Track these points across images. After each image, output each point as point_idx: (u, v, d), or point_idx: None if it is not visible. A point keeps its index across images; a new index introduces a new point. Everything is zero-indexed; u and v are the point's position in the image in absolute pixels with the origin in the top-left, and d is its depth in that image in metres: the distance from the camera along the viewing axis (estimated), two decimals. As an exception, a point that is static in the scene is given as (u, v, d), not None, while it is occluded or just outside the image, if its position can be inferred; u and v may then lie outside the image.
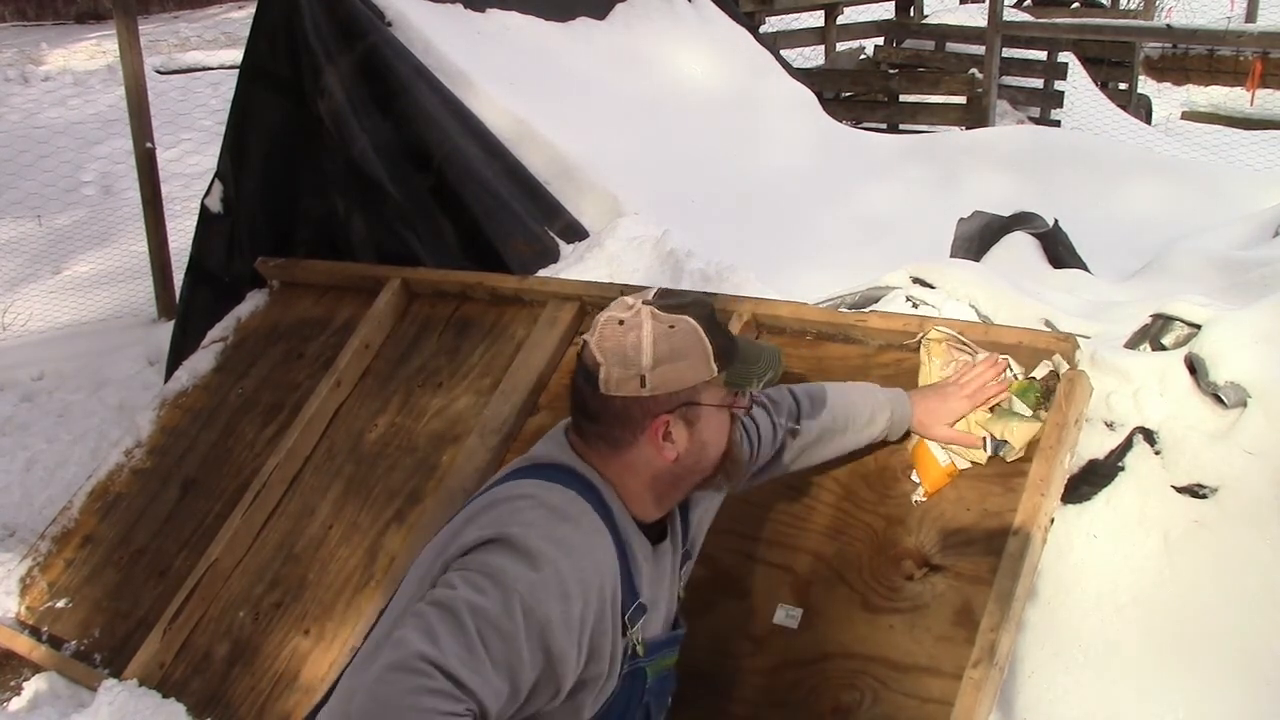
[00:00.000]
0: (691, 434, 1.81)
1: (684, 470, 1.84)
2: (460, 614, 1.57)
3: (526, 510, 1.73)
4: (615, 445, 1.82)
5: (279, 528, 3.19)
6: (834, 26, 9.98)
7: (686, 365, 1.77)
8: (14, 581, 3.58)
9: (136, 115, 5.53)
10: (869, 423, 2.32)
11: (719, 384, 1.81)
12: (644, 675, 1.87)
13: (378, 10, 3.99)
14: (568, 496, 1.76)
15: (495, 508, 1.75)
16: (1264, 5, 11.42)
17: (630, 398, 1.77)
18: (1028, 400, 2.34)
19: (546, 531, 1.69)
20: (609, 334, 1.78)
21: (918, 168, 5.35)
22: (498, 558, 1.64)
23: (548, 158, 3.89)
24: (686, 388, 1.78)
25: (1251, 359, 2.29)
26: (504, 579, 1.61)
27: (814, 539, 2.44)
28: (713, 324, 1.81)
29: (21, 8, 16.06)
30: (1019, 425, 2.31)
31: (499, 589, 1.60)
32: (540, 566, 1.64)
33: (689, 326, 1.78)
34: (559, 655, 1.64)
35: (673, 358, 1.76)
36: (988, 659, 2.08)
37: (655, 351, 1.76)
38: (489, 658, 1.56)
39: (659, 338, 1.76)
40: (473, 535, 1.69)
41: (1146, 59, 10.46)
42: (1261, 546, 2.17)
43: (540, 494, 1.76)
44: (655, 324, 1.77)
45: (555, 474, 1.81)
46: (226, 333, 3.92)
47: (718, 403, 1.82)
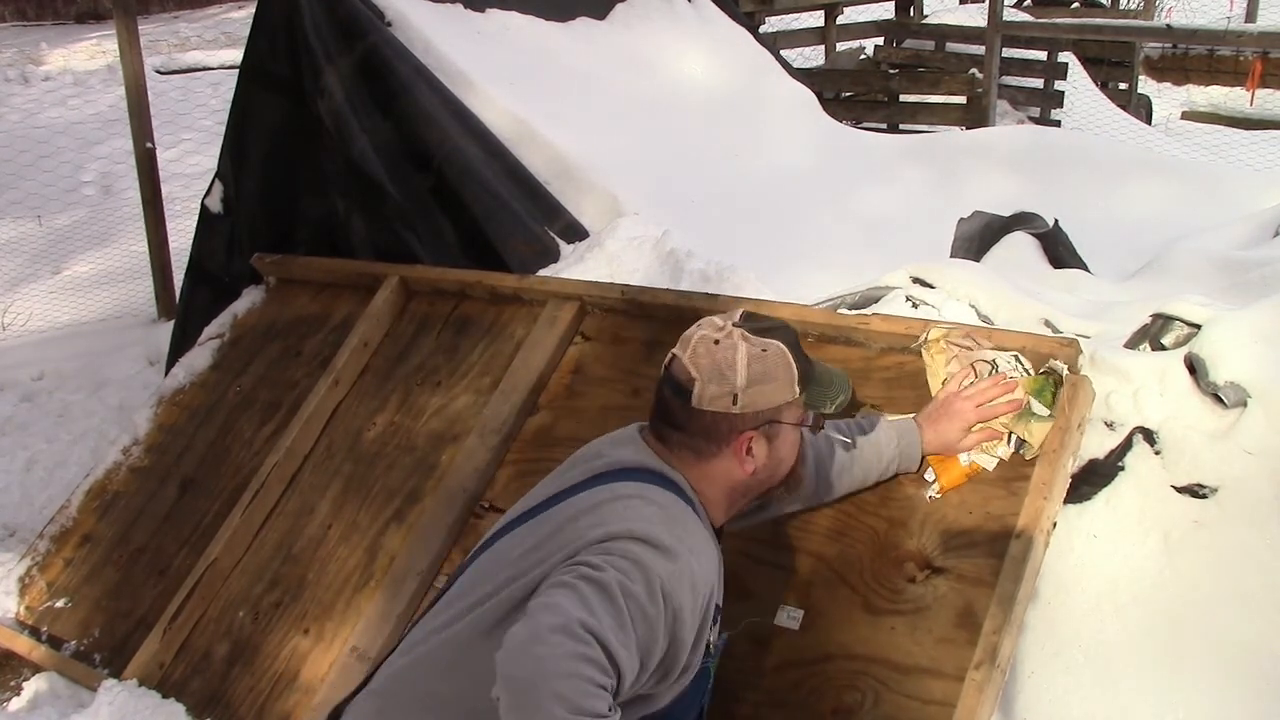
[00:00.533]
0: (771, 450, 1.92)
1: (758, 483, 1.96)
2: (613, 592, 1.62)
3: (641, 508, 1.79)
4: (699, 455, 1.91)
5: (278, 527, 3.19)
6: (834, 26, 9.98)
7: (774, 387, 1.89)
8: (13, 581, 3.58)
9: (136, 115, 5.53)
10: (884, 471, 2.37)
11: (799, 404, 1.93)
12: (708, 675, 1.95)
13: (378, 10, 3.99)
14: (670, 497, 1.84)
15: (603, 508, 1.80)
16: (1264, 5, 11.41)
17: (720, 413, 1.88)
18: (1044, 399, 2.34)
19: (668, 528, 1.76)
20: (703, 351, 1.89)
21: (918, 168, 5.34)
22: (636, 548, 1.70)
23: (548, 158, 3.88)
24: (772, 407, 1.90)
25: (1251, 359, 2.29)
26: (647, 565, 1.68)
27: (816, 540, 2.44)
28: (797, 348, 1.93)
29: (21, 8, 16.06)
30: (1038, 425, 2.32)
31: (644, 574, 1.67)
32: (676, 559, 1.72)
33: (779, 351, 1.90)
34: (682, 642, 1.74)
35: (764, 379, 1.88)
36: (990, 661, 2.08)
37: (749, 373, 1.87)
38: (636, 637, 1.63)
39: (753, 360, 1.87)
40: (597, 531, 1.74)
41: (1146, 59, 10.46)
42: (1261, 546, 2.17)
43: (646, 494, 1.83)
44: (749, 347, 1.88)
45: (651, 477, 1.88)
46: (223, 330, 3.91)
47: (795, 422, 1.94)
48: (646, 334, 2.97)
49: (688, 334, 1.94)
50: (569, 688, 1.51)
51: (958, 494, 2.35)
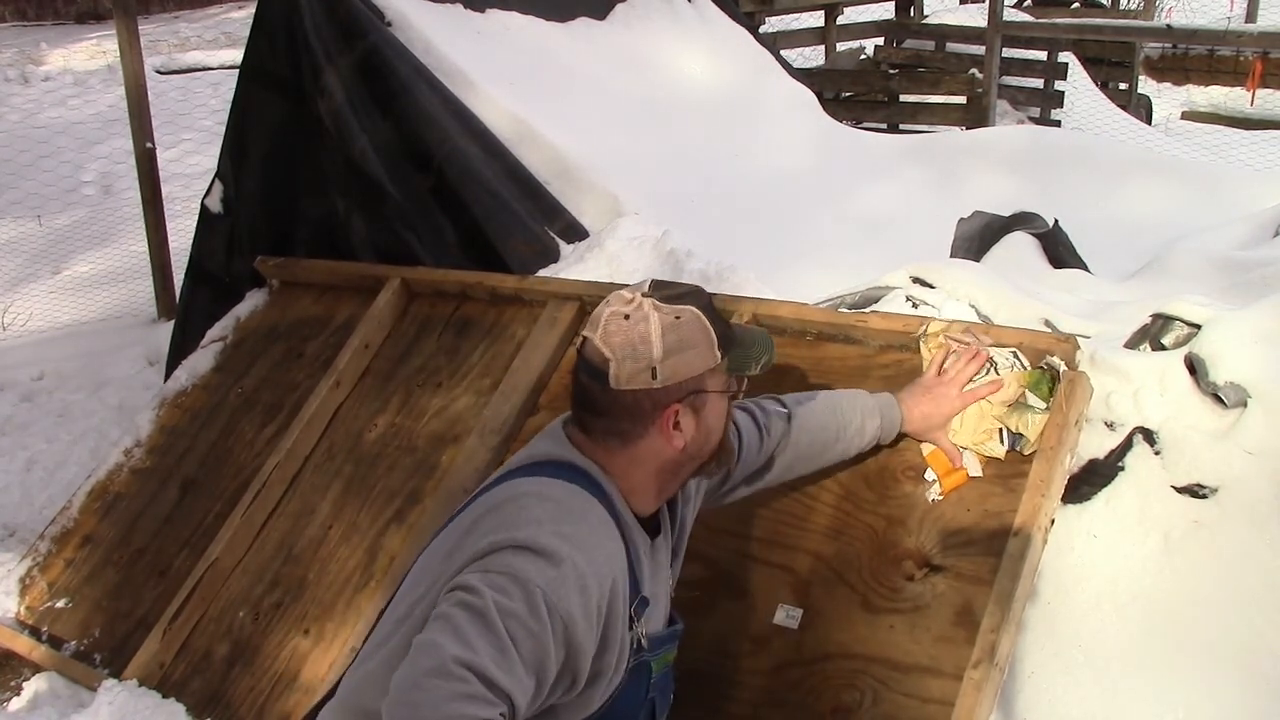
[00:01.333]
0: (699, 421, 1.84)
1: (688, 458, 1.87)
2: (490, 615, 1.58)
3: (533, 507, 1.73)
4: (624, 439, 1.83)
5: (279, 528, 3.19)
6: (834, 26, 9.98)
7: (694, 354, 1.80)
8: (14, 581, 3.58)
9: (136, 115, 5.53)
10: (859, 431, 2.32)
11: (721, 370, 1.85)
12: (649, 669, 1.89)
13: (378, 10, 3.98)
14: (571, 490, 1.78)
15: (500, 510, 1.75)
16: (1264, 5, 11.42)
17: (641, 390, 1.80)
18: (1040, 392, 2.34)
19: (556, 528, 1.70)
20: (615, 329, 1.80)
21: (918, 168, 5.34)
22: (516, 559, 1.64)
23: (548, 158, 3.88)
24: (694, 376, 1.81)
25: (1251, 359, 2.29)
26: (526, 579, 1.62)
27: (814, 539, 2.44)
28: (712, 311, 1.84)
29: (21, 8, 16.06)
30: (1033, 418, 2.31)
31: (522, 589, 1.61)
32: (559, 563, 1.65)
33: (693, 316, 1.81)
34: (580, 648, 1.67)
35: (681, 348, 1.79)
36: (988, 659, 2.08)
37: (664, 343, 1.78)
38: (520, 657, 1.58)
39: (666, 329, 1.78)
40: (484, 541, 1.69)
41: (1146, 59, 10.46)
42: (1261, 546, 2.17)
43: (544, 490, 1.78)
44: (661, 316, 1.79)
45: (557, 470, 1.82)
46: (226, 332, 3.92)
47: (721, 389, 1.86)
48: (646, 334, 2.96)
49: (597, 312, 1.85)
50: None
51: (955, 491, 2.35)
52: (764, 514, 2.51)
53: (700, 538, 2.51)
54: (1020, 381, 2.35)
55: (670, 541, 2.01)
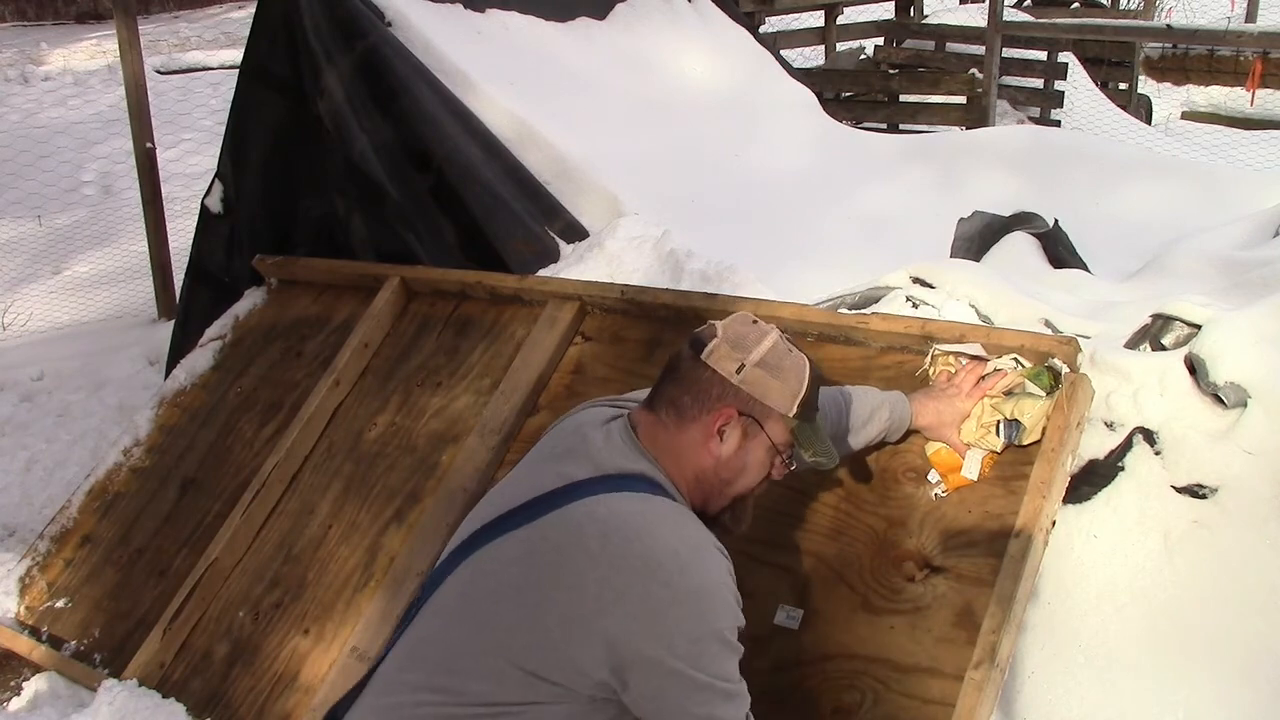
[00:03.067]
0: (740, 447, 1.90)
1: (718, 481, 1.92)
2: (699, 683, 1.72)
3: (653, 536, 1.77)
4: (680, 416, 1.90)
5: (278, 527, 3.19)
6: (834, 26, 9.98)
7: (779, 387, 1.89)
8: (14, 581, 3.58)
9: (136, 115, 5.53)
10: (867, 422, 2.34)
11: (785, 426, 1.91)
12: None
13: (378, 10, 3.98)
14: (664, 504, 1.84)
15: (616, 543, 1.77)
16: (1264, 5, 11.41)
17: (719, 375, 1.88)
18: (1040, 383, 2.35)
19: (689, 554, 1.77)
20: (737, 323, 1.93)
21: (918, 168, 5.34)
22: (689, 619, 1.73)
23: (548, 158, 3.88)
24: (764, 404, 1.89)
25: (1251, 359, 2.29)
26: (705, 629, 1.74)
27: (815, 540, 2.44)
28: (817, 382, 1.93)
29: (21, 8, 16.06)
30: (1031, 403, 2.31)
31: (710, 640, 1.74)
32: (721, 594, 1.76)
33: (802, 364, 1.92)
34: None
35: (775, 372, 1.89)
36: (989, 660, 2.08)
37: (767, 356, 1.89)
38: (740, 680, 1.78)
39: (777, 349, 1.90)
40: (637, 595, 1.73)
41: (1146, 59, 10.45)
42: (1261, 546, 2.17)
43: (641, 509, 1.82)
44: (779, 341, 1.92)
45: (629, 484, 1.86)
46: (224, 331, 3.91)
47: (777, 443, 1.92)
48: (646, 334, 2.97)
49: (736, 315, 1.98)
50: None
51: (956, 493, 2.35)
52: (764, 514, 2.51)
53: (700, 538, 2.51)
54: (1021, 375, 2.37)
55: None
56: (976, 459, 2.35)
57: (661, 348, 2.91)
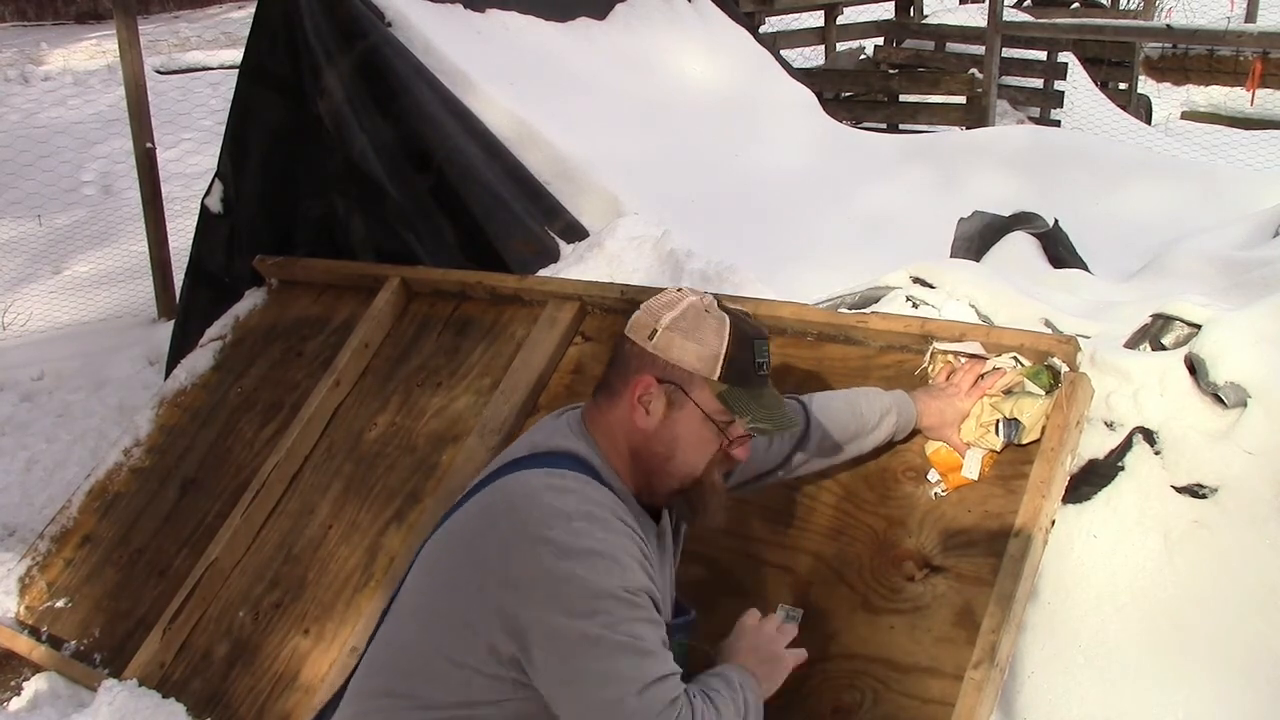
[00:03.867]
0: (667, 419, 1.84)
1: (654, 457, 1.86)
2: (605, 639, 1.63)
3: (552, 500, 1.74)
4: (610, 394, 1.88)
5: (278, 527, 3.19)
6: (834, 26, 9.99)
7: (694, 349, 1.82)
8: (14, 581, 3.58)
9: (136, 115, 5.53)
10: (876, 427, 2.34)
11: (711, 392, 1.84)
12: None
13: (378, 10, 3.99)
14: (582, 480, 1.79)
15: (519, 511, 1.75)
16: (1264, 5, 11.42)
17: (636, 344, 1.86)
18: (1040, 382, 2.35)
19: (586, 520, 1.72)
20: (664, 294, 1.90)
21: (918, 168, 5.35)
22: (579, 576, 1.67)
23: (548, 158, 3.88)
24: (682, 369, 1.83)
25: (1251, 359, 2.29)
26: (602, 588, 1.67)
27: (815, 539, 2.44)
28: (745, 343, 1.84)
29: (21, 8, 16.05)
30: (1031, 402, 2.31)
31: (608, 598, 1.66)
32: (614, 556, 1.70)
33: (720, 324, 1.84)
34: (663, 612, 1.76)
35: (686, 334, 1.83)
36: (989, 660, 2.08)
37: (679, 319, 1.84)
38: (649, 641, 1.66)
39: (689, 312, 1.84)
40: (528, 560, 1.70)
41: (1146, 59, 10.45)
42: (1261, 546, 2.17)
43: (557, 483, 1.78)
44: (699, 303, 1.86)
45: (553, 461, 1.83)
46: (225, 331, 3.91)
47: (706, 410, 1.84)
48: (646, 334, 2.97)
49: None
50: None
51: (956, 492, 2.35)
52: (764, 514, 2.51)
53: (700, 538, 2.50)
54: (1020, 374, 2.37)
55: (668, 530, 2.02)
56: (976, 458, 2.35)
57: (661, 348, 2.91)
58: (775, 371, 2.69)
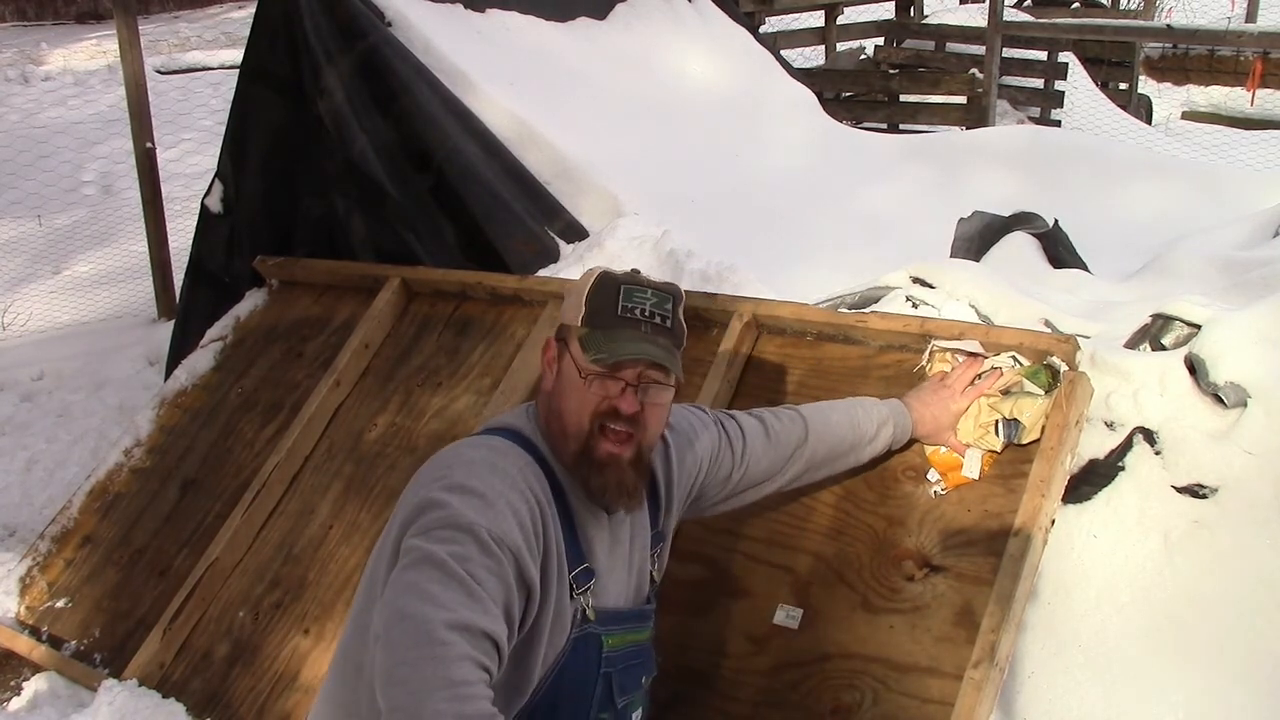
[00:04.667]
0: (559, 371, 1.89)
1: (555, 411, 1.87)
2: (448, 566, 1.59)
3: (466, 451, 1.81)
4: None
5: (279, 527, 3.19)
6: (834, 26, 9.99)
7: (571, 304, 1.91)
8: (14, 581, 3.58)
9: (136, 115, 5.53)
10: (873, 439, 2.33)
11: (577, 336, 1.87)
12: (598, 643, 1.86)
13: (378, 10, 3.99)
14: (502, 443, 1.84)
15: (432, 463, 1.81)
16: (1264, 5, 11.42)
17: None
18: (1039, 381, 2.34)
19: (487, 470, 1.74)
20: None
21: (918, 168, 5.35)
22: (450, 508, 1.67)
23: (548, 158, 3.88)
24: (564, 323, 1.91)
25: (1251, 359, 2.29)
26: (467, 522, 1.65)
27: (814, 539, 2.44)
28: (607, 287, 1.88)
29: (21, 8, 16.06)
30: (1030, 402, 2.31)
31: (467, 532, 1.63)
32: (494, 502, 1.69)
33: (588, 278, 1.91)
34: (531, 582, 1.70)
35: (569, 294, 1.93)
36: (988, 660, 2.08)
37: (574, 284, 1.94)
38: (489, 595, 1.59)
39: (585, 276, 1.93)
40: (421, 493, 1.73)
41: (1146, 59, 10.46)
42: (1261, 546, 2.17)
43: (476, 441, 1.87)
44: (598, 269, 1.94)
45: (495, 432, 1.90)
46: (225, 332, 3.91)
47: (574, 356, 1.86)
48: (646, 334, 2.96)
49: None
50: (445, 704, 1.46)
51: (956, 492, 2.35)
52: (764, 514, 2.51)
53: (700, 538, 2.51)
54: (1018, 374, 2.37)
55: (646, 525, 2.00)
56: (976, 458, 2.35)
57: (661, 348, 2.91)
58: (774, 370, 2.71)
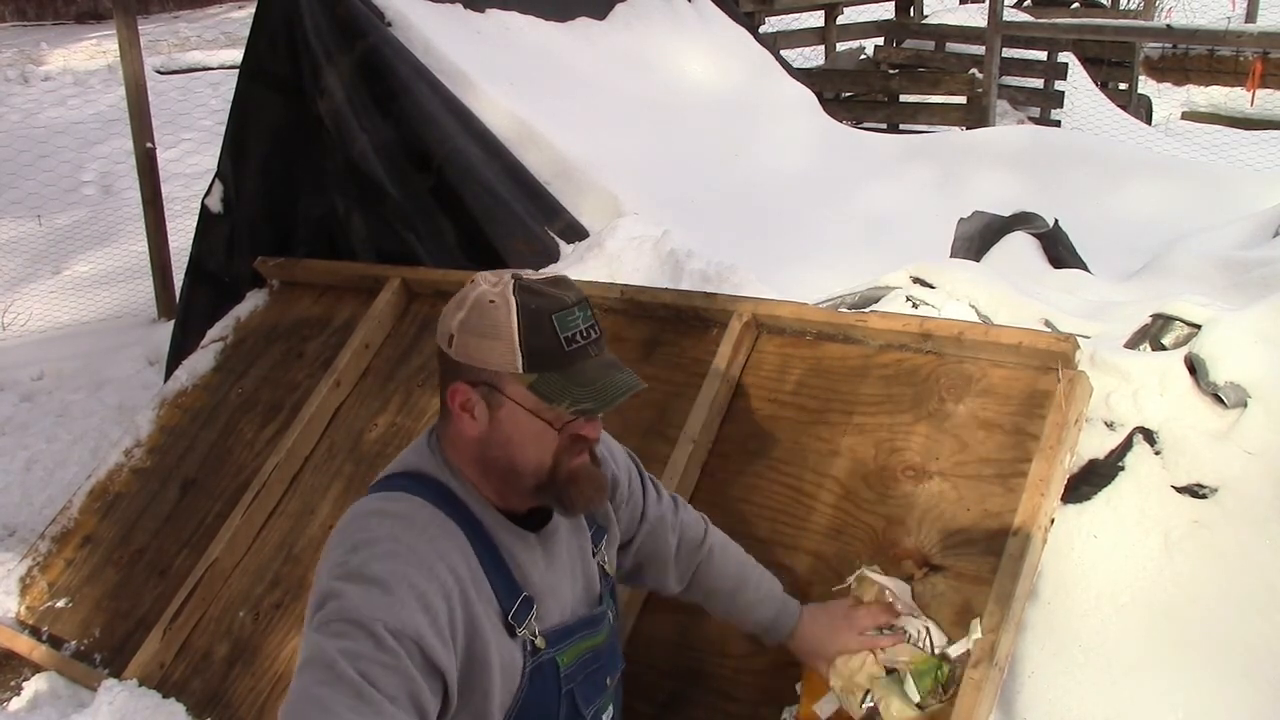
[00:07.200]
0: (494, 420, 1.71)
1: (496, 465, 1.74)
2: (337, 665, 1.51)
3: (369, 527, 1.68)
4: (442, 408, 1.78)
5: (279, 527, 3.19)
6: (834, 26, 9.99)
7: (489, 347, 1.69)
8: (14, 581, 3.58)
9: (136, 115, 5.54)
10: (752, 606, 2.15)
11: (524, 385, 1.69)
12: (554, 666, 1.80)
13: (378, 10, 3.99)
14: (413, 503, 1.71)
15: (341, 532, 1.71)
16: (1264, 5, 11.42)
17: (442, 351, 1.75)
18: (923, 684, 2.07)
19: (390, 547, 1.63)
20: (467, 287, 1.75)
21: (918, 168, 5.35)
22: (348, 599, 1.58)
23: (548, 158, 3.89)
24: (488, 370, 1.69)
25: (1251, 359, 2.29)
26: (362, 616, 1.56)
27: (814, 539, 2.44)
28: (540, 323, 1.68)
29: (21, 8, 16.06)
30: (898, 707, 2.05)
31: (362, 628, 1.55)
32: (394, 588, 1.59)
33: (505, 312, 1.68)
34: (444, 667, 1.60)
35: (478, 333, 1.69)
36: (988, 659, 2.08)
37: (468, 318, 1.70)
38: (383, 693, 1.51)
39: (475, 307, 1.70)
40: (322, 582, 1.65)
41: (1146, 59, 10.45)
42: (1261, 546, 2.17)
43: (385, 507, 1.72)
44: (486, 292, 1.70)
45: (399, 482, 1.77)
46: (226, 332, 3.92)
47: (527, 406, 1.70)
48: (646, 334, 2.97)
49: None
50: None
51: (955, 491, 2.35)
52: (764, 514, 2.51)
53: (700, 538, 2.50)
54: (911, 658, 2.10)
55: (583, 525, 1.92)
56: (833, 705, 2.15)
57: (661, 348, 2.91)
58: (774, 370, 2.71)
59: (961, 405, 2.44)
